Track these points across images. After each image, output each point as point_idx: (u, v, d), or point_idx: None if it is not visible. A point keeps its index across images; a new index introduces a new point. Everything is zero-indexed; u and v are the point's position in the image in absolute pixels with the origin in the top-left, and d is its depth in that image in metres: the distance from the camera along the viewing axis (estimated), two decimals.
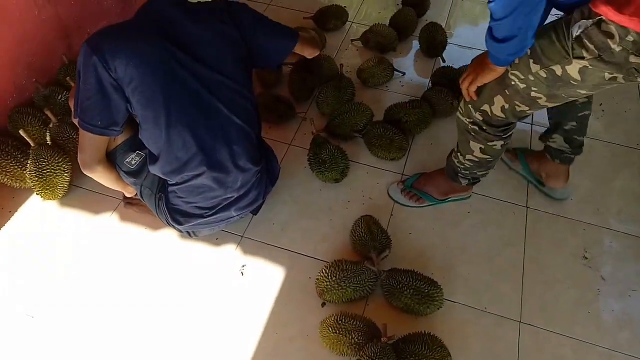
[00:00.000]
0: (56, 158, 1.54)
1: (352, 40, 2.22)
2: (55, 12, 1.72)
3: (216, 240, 1.54)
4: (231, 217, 1.43)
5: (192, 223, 1.39)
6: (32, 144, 1.53)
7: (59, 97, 1.71)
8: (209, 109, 1.21)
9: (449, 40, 2.15)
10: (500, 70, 1.17)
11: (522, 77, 1.15)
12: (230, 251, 1.52)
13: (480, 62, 1.22)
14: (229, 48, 1.23)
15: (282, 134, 1.84)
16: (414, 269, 1.40)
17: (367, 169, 1.75)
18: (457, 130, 1.43)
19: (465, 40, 2.26)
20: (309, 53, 1.51)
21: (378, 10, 2.43)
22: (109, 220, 1.59)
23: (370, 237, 1.44)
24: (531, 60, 1.12)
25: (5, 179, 1.57)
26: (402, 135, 1.73)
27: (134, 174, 1.38)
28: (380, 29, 2.13)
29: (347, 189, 1.68)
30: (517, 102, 1.21)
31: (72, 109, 1.21)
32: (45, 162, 1.52)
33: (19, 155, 1.57)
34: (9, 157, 1.55)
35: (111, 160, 1.34)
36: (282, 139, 1.83)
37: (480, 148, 1.37)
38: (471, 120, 1.34)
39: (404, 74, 2.08)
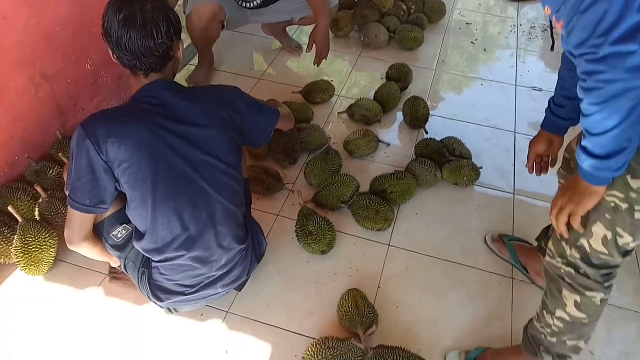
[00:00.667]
0: (43, 234, 1.54)
1: (338, 113, 2.31)
2: (51, 90, 1.79)
3: (201, 316, 1.52)
4: (214, 294, 1.42)
5: (173, 300, 1.38)
6: (19, 220, 1.54)
7: (50, 172, 1.74)
8: (195, 191, 1.24)
9: (431, 112, 2.25)
10: (601, 191, 0.97)
11: (622, 195, 0.97)
12: (216, 327, 1.50)
13: (573, 187, 1.01)
14: (219, 129, 1.27)
15: (270, 205, 1.87)
16: (402, 345, 1.39)
17: (353, 240, 1.76)
18: (545, 280, 1.17)
19: (447, 112, 2.36)
20: (286, 126, 1.64)
21: (363, 84, 2.55)
22: (94, 294, 1.57)
23: (357, 312, 1.44)
24: (629, 176, 0.95)
25: None
26: (388, 206, 1.77)
27: (119, 247, 1.38)
28: (364, 103, 2.23)
29: (334, 261, 1.69)
30: (619, 230, 0.99)
31: (65, 183, 1.24)
32: (32, 237, 1.52)
33: (6, 231, 1.57)
34: None
35: (98, 232, 1.35)
36: (270, 209, 1.86)
37: (576, 301, 1.09)
38: (565, 261, 1.08)
39: (388, 144, 2.15)
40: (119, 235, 1.36)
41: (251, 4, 2.29)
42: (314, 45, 2.22)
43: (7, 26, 1.53)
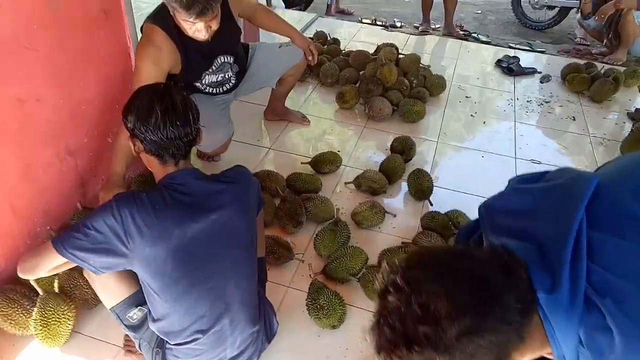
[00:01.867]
0: (62, 307, 1.57)
1: (345, 184, 2.40)
2: (75, 164, 1.88)
3: None
4: None
5: None
6: (40, 293, 1.58)
7: None
8: (215, 282, 1.28)
9: (435, 184, 2.34)
10: None
11: None
12: None
13: None
14: (243, 215, 1.34)
15: (281, 276, 1.91)
16: None
17: (364, 314, 1.79)
18: None
19: (450, 184, 2.45)
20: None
21: (368, 155, 2.66)
22: None
23: None
24: None
25: (9, 327, 1.58)
26: None
27: (135, 328, 1.42)
28: (371, 175, 2.32)
29: (345, 335, 1.71)
30: None
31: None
32: (51, 311, 1.55)
33: (26, 303, 1.60)
34: (15, 305, 1.58)
35: (113, 312, 1.40)
36: (280, 281, 1.90)
37: None
38: None
39: (394, 216, 2.22)
40: (135, 317, 1.40)
41: (228, 86, 2.30)
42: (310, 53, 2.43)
43: (40, 107, 1.64)
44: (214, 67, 2.16)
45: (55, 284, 1.65)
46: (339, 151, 2.58)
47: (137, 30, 2.04)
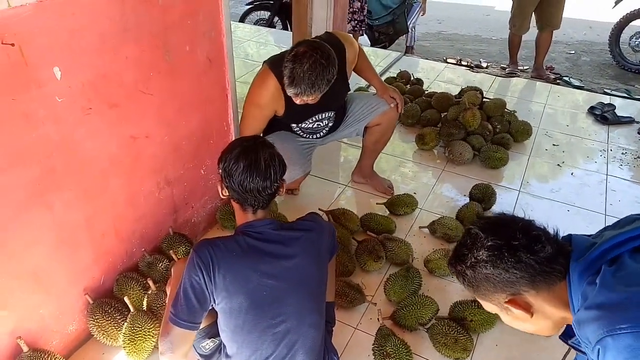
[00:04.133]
0: (149, 324, 1.73)
1: (420, 228, 2.40)
2: (171, 193, 2.06)
3: None
4: None
5: None
6: (131, 310, 1.74)
7: (159, 265, 1.97)
8: (283, 327, 1.34)
9: None
10: None
11: None
12: None
13: None
14: (317, 265, 1.41)
15: (349, 317, 1.94)
16: None
17: None
18: None
19: None
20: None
21: (445, 200, 2.64)
22: None
23: None
24: None
25: (101, 337, 1.76)
26: (467, 335, 1.77)
27: (206, 357, 1.52)
28: (447, 222, 2.30)
29: None
30: None
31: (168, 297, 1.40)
32: (139, 327, 1.70)
33: (118, 317, 1.77)
34: (109, 317, 1.75)
35: None
36: (349, 321, 1.93)
37: None
38: None
39: None
40: (207, 347, 1.50)
41: (320, 134, 2.39)
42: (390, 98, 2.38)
43: (148, 143, 1.84)
44: (313, 119, 2.27)
45: (144, 302, 1.81)
46: (415, 193, 2.59)
47: (240, 70, 2.22)
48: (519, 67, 4.42)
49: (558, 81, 4.27)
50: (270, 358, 1.35)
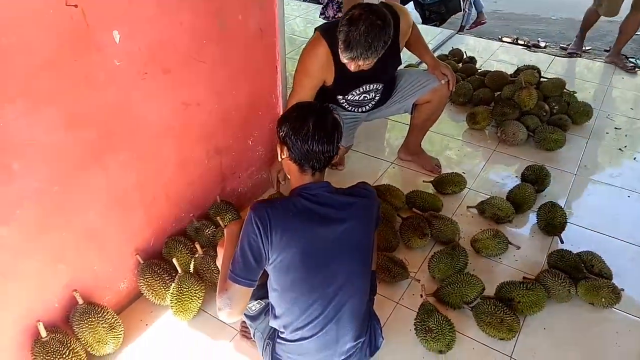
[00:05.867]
0: (195, 286, 1.78)
1: (468, 207, 2.33)
2: (219, 162, 2.10)
3: None
4: None
5: None
6: (179, 271, 1.80)
7: (206, 231, 2.02)
8: (332, 288, 1.35)
9: (568, 220, 2.17)
10: None
11: None
12: None
13: None
14: (367, 228, 1.41)
15: (392, 292, 1.93)
16: None
17: (473, 344, 1.74)
18: None
19: (586, 222, 2.25)
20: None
21: (496, 180, 2.56)
22: (226, 348, 1.75)
23: None
24: None
25: (150, 296, 1.83)
26: (514, 316, 1.72)
27: (252, 318, 1.55)
28: (497, 202, 2.23)
29: None
30: None
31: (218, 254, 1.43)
32: (186, 288, 1.76)
33: (166, 278, 1.83)
34: (158, 277, 1.82)
35: None
36: (390, 296, 1.92)
37: None
38: None
39: (518, 248, 2.11)
40: (253, 308, 1.53)
41: (366, 108, 2.33)
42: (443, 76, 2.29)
43: (199, 111, 1.88)
44: (361, 89, 2.22)
45: (192, 265, 1.86)
46: (463, 173, 2.52)
47: (286, 47, 2.21)
48: (583, 47, 4.15)
49: (637, 69, 3.86)
50: (319, 318, 1.37)
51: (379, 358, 1.67)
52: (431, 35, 4.35)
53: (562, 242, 2.10)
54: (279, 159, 1.43)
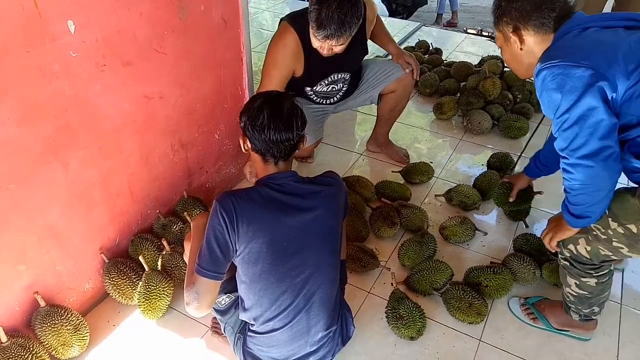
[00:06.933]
0: (163, 284, 1.74)
1: (436, 196, 2.37)
2: (185, 156, 2.06)
3: None
4: None
5: None
6: (146, 269, 1.76)
7: (174, 227, 1.97)
8: (301, 278, 1.35)
9: (532, 206, 2.22)
10: (576, 229, 1.38)
11: (603, 230, 1.33)
12: None
13: (558, 222, 1.45)
14: (334, 218, 1.41)
15: (363, 281, 1.94)
16: None
17: (443, 329, 1.76)
18: (560, 267, 1.58)
19: (550, 207, 2.32)
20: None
21: (463, 169, 2.60)
22: (197, 345, 1.72)
23: None
24: (610, 218, 1.31)
25: (116, 295, 1.79)
26: (482, 300, 1.76)
27: (222, 312, 1.53)
28: (464, 189, 2.27)
29: (421, 349, 1.69)
30: (600, 247, 1.37)
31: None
32: (154, 286, 1.72)
33: (133, 276, 1.79)
34: (124, 276, 1.78)
35: None
36: (362, 285, 1.93)
37: (576, 283, 1.50)
38: (562, 256, 1.50)
39: (485, 234, 2.15)
40: (223, 302, 1.51)
41: (334, 99, 2.34)
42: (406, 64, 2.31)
43: (162, 103, 1.83)
44: (329, 79, 2.22)
45: (159, 263, 1.82)
46: (431, 162, 2.55)
47: (254, 41, 2.18)
48: None
49: None
50: (289, 308, 1.36)
51: (352, 347, 1.68)
52: (398, 27, 4.38)
53: (526, 226, 2.15)
54: (243, 151, 1.41)
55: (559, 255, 1.54)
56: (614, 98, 1.19)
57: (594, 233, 1.35)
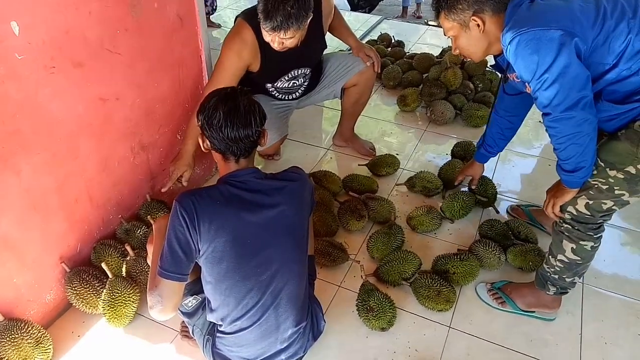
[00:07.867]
0: (128, 290, 1.70)
1: (396, 184, 2.38)
2: (146, 158, 2.01)
3: None
4: None
5: None
6: (110, 276, 1.71)
7: (138, 232, 1.92)
8: (267, 276, 1.33)
9: (498, 190, 2.27)
10: (575, 190, 1.44)
11: (603, 180, 1.39)
12: None
13: (556, 189, 1.50)
14: (299, 213, 1.39)
15: (332, 275, 1.94)
16: None
17: (414, 319, 1.78)
18: (552, 234, 1.62)
19: (513, 193, 2.38)
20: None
21: (428, 159, 2.63)
22: (167, 350, 1.68)
23: None
24: (607, 169, 1.38)
25: (80, 305, 1.73)
26: (450, 287, 1.78)
27: (189, 314, 1.50)
28: (426, 175, 2.30)
29: (393, 339, 1.71)
30: (602, 200, 1.42)
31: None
32: (118, 293, 1.67)
33: (97, 284, 1.74)
34: (87, 285, 1.72)
35: None
36: (332, 280, 1.92)
37: (572, 248, 1.53)
38: (563, 221, 1.53)
39: (452, 222, 2.18)
40: (190, 305, 1.48)
41: (296, 94, 2.33)
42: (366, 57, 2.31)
43: (118, 105, 1.78)
44: (289, 75, 2.19)
45: (123, 269, 1.78)
46: (397, 154, 2.57)
47: (216, 39, 2.14)
48: None
49: None
50: (256, 307, 1.34)
51: (324, 341, 1.68)
52: (360, 21, 4.39)
53: (497, 212, 2.20)
54: (203, 149, 1.38)
55: (558, 223, 1.56)
56: (585, 50, 1.27)
57: (596, 187, 1.41)
